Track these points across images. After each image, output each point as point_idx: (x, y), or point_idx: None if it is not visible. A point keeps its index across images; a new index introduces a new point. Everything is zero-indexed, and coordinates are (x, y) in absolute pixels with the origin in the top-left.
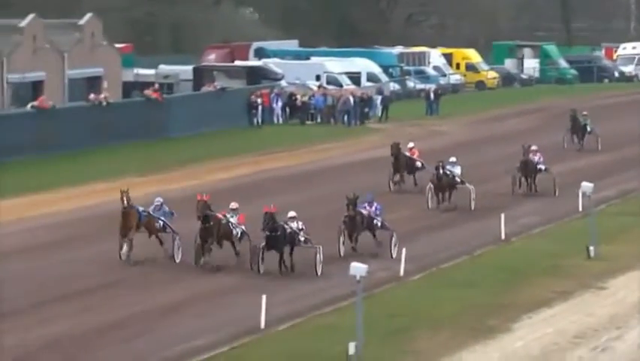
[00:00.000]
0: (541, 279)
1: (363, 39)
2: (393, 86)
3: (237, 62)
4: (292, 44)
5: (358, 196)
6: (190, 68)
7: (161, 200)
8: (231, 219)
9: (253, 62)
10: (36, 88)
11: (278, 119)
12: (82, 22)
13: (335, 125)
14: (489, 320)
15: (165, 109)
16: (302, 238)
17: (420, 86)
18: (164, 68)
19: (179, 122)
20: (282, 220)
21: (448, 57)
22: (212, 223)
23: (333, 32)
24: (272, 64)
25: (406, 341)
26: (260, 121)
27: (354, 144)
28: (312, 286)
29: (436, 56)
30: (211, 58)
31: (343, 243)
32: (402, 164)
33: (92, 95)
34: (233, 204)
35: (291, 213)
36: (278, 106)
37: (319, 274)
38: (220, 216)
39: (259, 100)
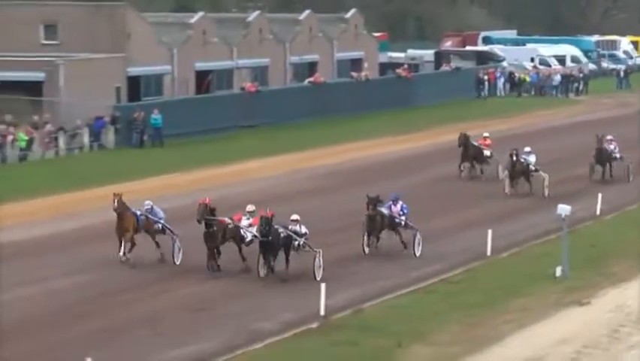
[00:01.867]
0: None
1: (568, 29)
2: (591, 67)
3: (468, 47)
4: (512, 33)
5: (379, 196)
6: (432, 52)
7: (151, 203)
8: (245, 222)
9: (481, 47)
10: (311, 67)
11: (500, 93)
12: (347, 16)
13: (544, 97)
14: None
15: (412, 84)
16: (300, 242)
17: (612, 66)
18: (411, 52)
19: (423, 95)
20: (281, 224)
21: (635, 44)
22: (215, 228)
23: (544, 24)
24: (496, 49)
25: (602, 265)
26: (486, 94)
27: (560, 112)
28: (525, 223)
29: (625, 43)
30: (448, 44)
31: (368, 244)
32: (470, 153)
33: (354, 73)
34: (250, 207)
35: (294, 217)
36: (500, 82)
37: (318, 278)
38: (226, 220)
39: (485, 77)
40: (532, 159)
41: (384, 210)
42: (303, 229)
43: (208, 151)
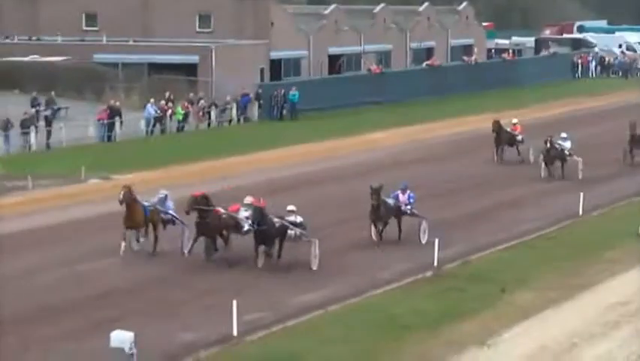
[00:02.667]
0: None
1: None
2: None
3: (565, 35)
4: (603, 23)
5: (382, 185)
6: (533, 39)
7: (165, 192)
8: (243, 213)
9: (576, 35)
10: (429, 52)
11: (592, 75)
12: (460, 8)
13: (631, 78)
14: None
15: (516, 67)
16: (297, 232)
17: None
18: (515, 39)
19: (526, 76)
20: (274, 214)
21: None
22: (207, 218)
23: (632, 14)
24: (589, 36)
25: None
26: (579, 75)
27: None
28: (612, 187)
29: None
30: (547, 32)
31: (376, 233)
32: (503, 138)
33: (465, 57)
34: (248, 199)
35: (290, 207)
36: (592, 65)
37: (315, 268)
38: (220, 210)
39: (579, 61)
40: (567, 144)
41: (390, 200)
42: (299, 219)
43: (338, 124)
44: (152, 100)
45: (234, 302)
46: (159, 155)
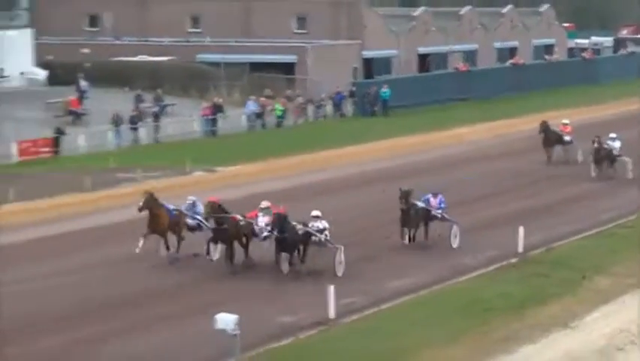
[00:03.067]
0: None
1: None
2: None
3: None
4: None
5: (410, 190)
6: (611, 39)
7: (194, 198)
8: (261, 219)
9: None
10: (512, 51)
11: None
12: (542, 9)
13: None
14: None
15: (595, 65)
16: (321, 238)
17: None
18: (594, 39)
19: (603, 74)
20: (300, 221)
21: None
22: (224, 225)
23: None
24: None
25: None
26: None
27: None
28: None
29: None
30: (625, 32)
31: (406, 238)
32: (551, 139)
33: (547, 56)
34: (264, 203)
35: (315, 213)
36: None
37: (339, 275)
38: (237, 217)
39: None
40: (616, 144)
41: (420, 203)
42: (322, 225)
43: (427, 119)
44: (252, 97)
45: (331, 287)
46: (259, 148)
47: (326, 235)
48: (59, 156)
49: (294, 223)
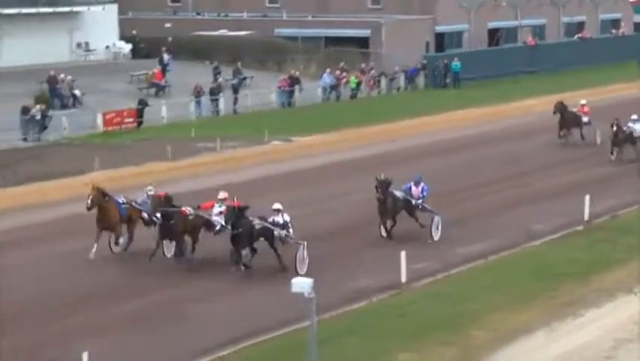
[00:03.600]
0: None
1: None
2: None
3: None
4: None
5: (387, 179)
6: None
7: (152, 190)
8: (217, 209)
9: None
10: (579, 26)
11: None
12: None
13: None
14: None
15: None
16: (281, 234)
17: None
18: None
19: None
20: (258, 215)
21: None
22: (171, 221)
23: None
24: None
25: None
26: None
27: None
28: None
29: None
30: None
31: (385, 229)
32: (568, 120)
33: (613, 30)
34: (222, 194)
35: (276, 206)
36: None
37: (302, 273)
38: (187, 210)
39: None
40: (637, 126)
41: (399, 193)
42: (282, 219)
43: (496, 91)
44: (328, 70)
45: (403, 253)
46: (334, 119)
47: (288, 230)
48: (142, 126)
49: (250, 218)
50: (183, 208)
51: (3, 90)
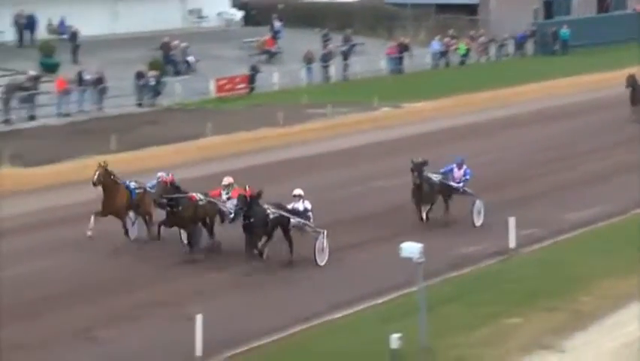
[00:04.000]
0: None
1: None
2: None
3: None
4: None
5: (425, 161)
6: None
7: (163, 174)
8: (225, 196)
9: None
10: None
11: None
12: None
13: None
14: None
15: None
16: (299, 222)
17: None
18: None
19: None
20: (274, 203)
21: None
22: (180, 207)
23: None
24: None
25: None
26: None
27: None
28: None
29: None
30: None
31: (420, 216)
32: (638, 95)
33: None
34: (226, 180)
35: (296, 191)
36: None
37: (321, 263)
38: (195, 196)
39: None
40: None
41: (435, 176)
42: (302, 206)
43: (605, 59)
44: (437, 37)
45: (512, 219)
46: (444, 86)
47: (308, 218)
48: (254, 92)
49: (265, 206)
50: (192, 194)
51: (118, 56)
